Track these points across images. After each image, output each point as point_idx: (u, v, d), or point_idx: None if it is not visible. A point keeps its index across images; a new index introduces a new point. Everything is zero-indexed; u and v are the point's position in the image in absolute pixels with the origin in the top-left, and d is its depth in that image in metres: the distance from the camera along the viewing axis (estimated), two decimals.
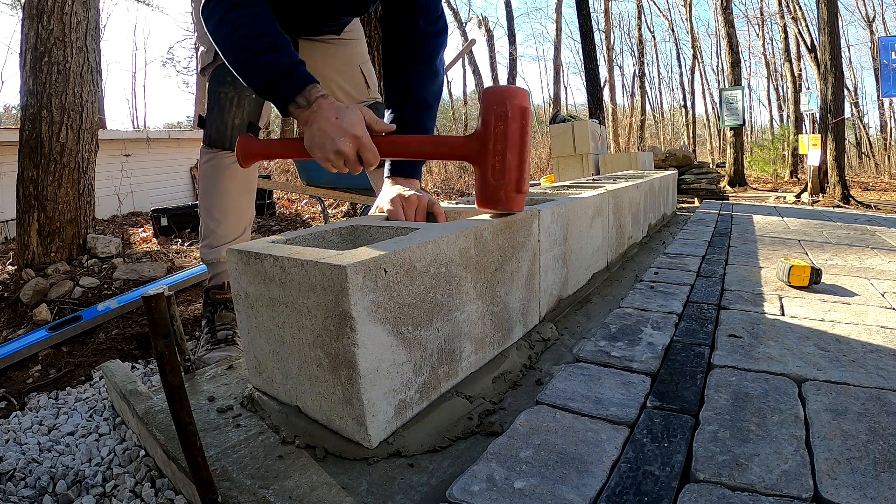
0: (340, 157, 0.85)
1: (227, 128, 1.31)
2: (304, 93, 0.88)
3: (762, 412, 0.77)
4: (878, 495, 0.58)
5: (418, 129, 1.13)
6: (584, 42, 9.27)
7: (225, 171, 1.35)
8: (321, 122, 0.85)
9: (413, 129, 1.12)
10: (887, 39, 8.68)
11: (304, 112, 0.88)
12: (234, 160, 1.34)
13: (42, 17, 2.47)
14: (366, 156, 0.87)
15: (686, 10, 18.88)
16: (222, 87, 1.30)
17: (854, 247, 2.11)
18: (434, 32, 1.16)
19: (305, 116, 0.88)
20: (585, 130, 4.89)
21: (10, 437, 1.13)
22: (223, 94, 1.29)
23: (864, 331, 1.10)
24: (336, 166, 0.87)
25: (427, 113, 1.16)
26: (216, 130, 1.32)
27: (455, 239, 0.82)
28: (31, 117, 2.50)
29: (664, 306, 1.30)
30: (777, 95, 21.06)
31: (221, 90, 1.30)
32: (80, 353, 1.69)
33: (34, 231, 2.51)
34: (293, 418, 0.78)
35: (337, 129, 0.84)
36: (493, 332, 0.95)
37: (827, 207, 5.28)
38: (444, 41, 1.20)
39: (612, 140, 17.12)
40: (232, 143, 1.32)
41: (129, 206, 6.59)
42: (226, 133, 1.32)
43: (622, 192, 1.78)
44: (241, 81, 0.98)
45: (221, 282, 1.42)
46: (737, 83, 11.50)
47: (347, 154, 0.85)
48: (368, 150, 0.86)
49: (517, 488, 0.62)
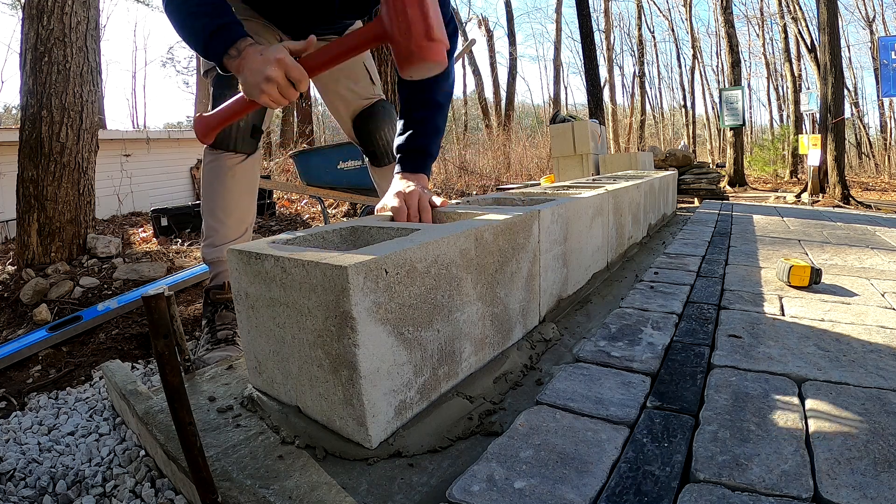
0: (272, 83, 0.90)
1: (232, 130, 1.34)
2: (236, 45, 0.95)
3: (762, 412, 0.77)
4: (878, 495, 0.58)
5: (429, 129, 1.22)
6: (584, 42, 9.27)
7: (227, 171, 1.37)
8: (249, 61, 0.92)
9: (424, 128, 1.21)
10: (887, 39, 8.68)
11: (235, 61, 0.95)
12: (237, 161, 1.37)
13: (42, 17, 2.47)
14: (293, 75, 0.91)
15: (686, 10, 18.88)
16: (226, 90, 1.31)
17: (854, 247, 2.11)
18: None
19: (237, 64, 0.94)
20: (585, 130, 4.89)
21: (10, 437, 1.13)
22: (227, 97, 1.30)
23: (864, 331, 1.10)
24: (273, 98, 0.91)
25: (438, 112, 1.24)
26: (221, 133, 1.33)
27: (456, 240, 0.82)
28: (31, 117, 2.50)
29: (664, 306, 1.30)
30: (777, 95, 21.07)
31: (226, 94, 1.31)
32: (80, 353, 1.69)
33: (34, 231, 2.51)
34: (293, 418, 0.78)
35: (262, 61, 0.90)
36: (494, 332, 0.95)
37: (827, 207, 5.28)
38: (455, 43, 1.22)
39: (612, 140, 17.13)
40: (235, 144, 1.35)
41: (129, 206, 6.59)
42: (229, 135, 1.34)
43: (622, 193, 1.79)
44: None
45: (222, 282, 1.42)
46: (737, 83, 11.50)
47: (276, 78, 0.89)
48: (293, 69, 0.90)
49: (517, 488, 0.62)
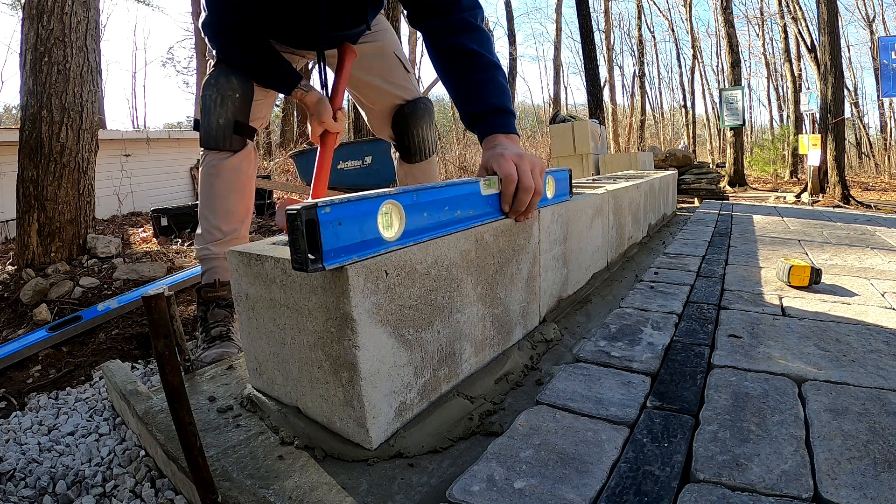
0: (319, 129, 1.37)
1: (214, 128, 1.36)
2: (294, 93, 1.35)
3: (762, 412, 0.77)
4: (878, 495, 0.58)
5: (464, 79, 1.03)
6: (584, 42, 9.27)
7: (212, 169, 1.39)
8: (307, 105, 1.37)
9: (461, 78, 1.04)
10: (887, 39, 8.68)
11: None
12: (223, 158, 1.38)
13: (42, 17, 2.46)
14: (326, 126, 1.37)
15: (686, 10, 18.88)
16: (207, 90, 1.36)
17: (854, 247, 2.11)
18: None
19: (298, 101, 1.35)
20: (585, 130, 4.89)
21: (10, 437, 1.13)
22: (207, 97, 1.36)
23: (864, 331, 1.10)
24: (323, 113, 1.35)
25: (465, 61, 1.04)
26: (205, 132, 1.37)
27: (456, 241, 0.82)
28: (31, 117, 2.50)
29: (664, 306, 1.30)
30: (777, 95, 21.08)
31: (206, 93, 1.36)
32: (80, 353, 1.69)
33: (34, 231, 2.51)
34: (293, 419, 0.78)
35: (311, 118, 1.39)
36: (494, 333, 0.95)
37: (827, 207, 5.28)
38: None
39: (612, 140, 17.13)
40: (218, 142, 1.37)
41: (129, 206, 6.59)
42: (212, 133, 1.36)
43: (622, 193, 1.79)
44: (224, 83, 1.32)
45: (212, 279, 1.41)
46: (737, 83, 11.50)
47: (316, 130, 1.38)
48: (329, 125, 1.37)
49: (517, 488, 0.62)
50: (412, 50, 14.25)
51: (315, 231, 0.58)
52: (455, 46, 1.05)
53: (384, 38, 1.58)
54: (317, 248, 0.59)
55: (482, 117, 1.00)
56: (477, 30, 1.08)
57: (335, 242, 0.61)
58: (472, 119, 1.02)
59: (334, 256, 0.61)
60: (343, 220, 0.61)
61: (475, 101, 1.01)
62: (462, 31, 1.06)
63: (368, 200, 0.65)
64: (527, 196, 0.89)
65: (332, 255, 0.60)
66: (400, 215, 0.70)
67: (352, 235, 0.63)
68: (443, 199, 0.78)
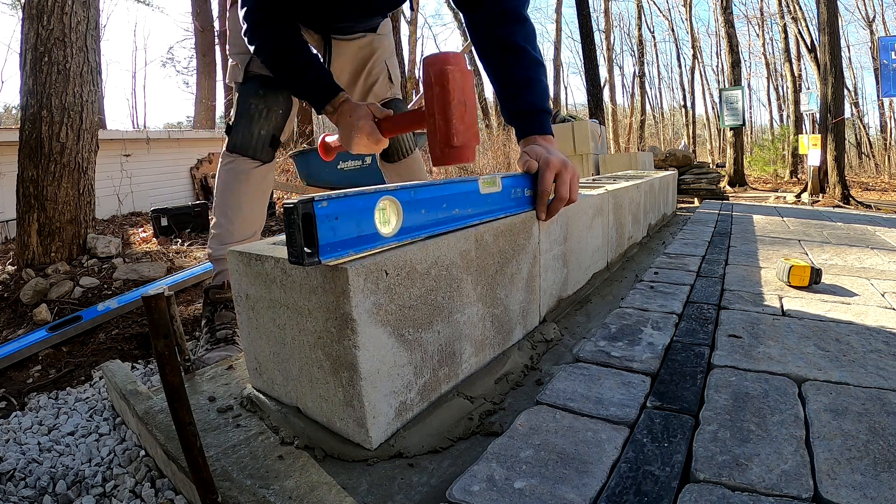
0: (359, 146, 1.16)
1: (253, 137, 1.39)
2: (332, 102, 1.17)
3: (762, 412, 0.77)
4: (878, 495, 0.58)
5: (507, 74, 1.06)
6: (584, 42, 9.27)
7: (242, 175, 1.42)
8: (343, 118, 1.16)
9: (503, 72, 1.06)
10: (887, 39, 8.68)
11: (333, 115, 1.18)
12: (254, 166, 1.42)
13: (42, 17, 2.46)
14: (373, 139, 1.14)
15: (686, 10, 18.89)
16: (254, 98, 1.38)
17: (854, 247, 2.11)
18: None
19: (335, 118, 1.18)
20: (585, 130, 4.89)
21: (10, 437, 1.13)
22: (254, 105, 1.38)
23: (864, 331, 1.10)
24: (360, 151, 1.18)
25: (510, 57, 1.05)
26: (242, 138, 1.40)
27: (456, 241, 0.82)
28: (31, 117, 2.50)
29: (664, 306, 1.30)
30: (777, 95, 21.09)
31: (252, 101, 1.38)
32: (80, 353, 1.69)
33: (34, 231, 2.51)
34: (293, 419, 0.78)
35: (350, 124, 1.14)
36: (494, 333, 0.95)
37: (827, 207, 5.28)
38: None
39: (612, 140, 17.14)
40: (255, 151, 1.41)
41: (129, 206, 6.58)
42: (251, 142, 1.39)
43: (622, 192, 1.79)
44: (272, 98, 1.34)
45: (222, 281, 1.43)
46: (737, 83, 11.50)
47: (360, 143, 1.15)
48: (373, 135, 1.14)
49: (517, 488, 0.62)
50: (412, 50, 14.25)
51: (312, 225, 0.59)
52: (501, 41, 1.06)
53: (381, 45, 1.60)
54: (313, 241, 0.59)
55: (524, 116, 1.05)
56: (524, 21, 1.08)
57: (332, 237, 0.61)
58: (512, 115, 1.07)
59: (330, 251, 0.61)
60: (340, 214, 0.62)
61: (517, 98, 1.05)
62: (508, 23, 1.06)
63: (366, 196, 0.65)
64: (562, 205, 1.00)
65: (328, 249, 0.61)
66: (397, 212, 0.70)
67: (348, 230, 0.63)
68: (441, 197, 0.78)
